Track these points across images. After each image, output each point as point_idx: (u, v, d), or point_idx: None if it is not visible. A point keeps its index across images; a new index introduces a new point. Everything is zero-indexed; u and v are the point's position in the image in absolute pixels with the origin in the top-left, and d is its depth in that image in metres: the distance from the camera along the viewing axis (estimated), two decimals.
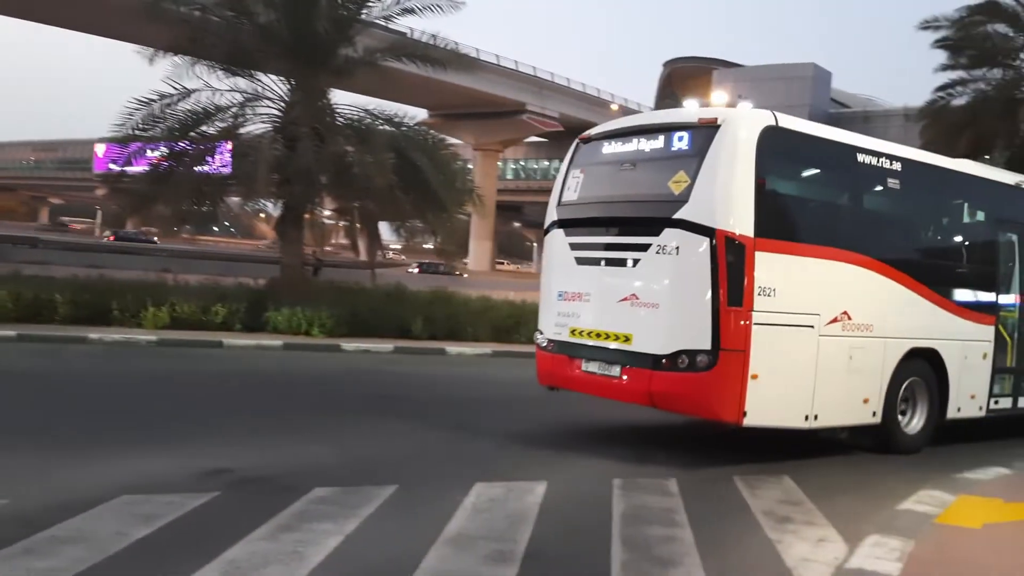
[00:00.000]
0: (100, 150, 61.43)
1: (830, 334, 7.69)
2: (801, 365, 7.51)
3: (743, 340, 7.00)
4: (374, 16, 18.14)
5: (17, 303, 13.89)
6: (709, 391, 7.11)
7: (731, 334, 6.99)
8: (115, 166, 17.66)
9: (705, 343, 7.01)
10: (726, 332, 6.99)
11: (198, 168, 17.03)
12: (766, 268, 7.11)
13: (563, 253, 8.45)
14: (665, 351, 7.22)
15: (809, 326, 7.52)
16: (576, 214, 8.49)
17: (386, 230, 21.29)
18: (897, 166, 8.63)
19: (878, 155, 8.51)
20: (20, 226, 72.95)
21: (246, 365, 12.30)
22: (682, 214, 7.22)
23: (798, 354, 7.50)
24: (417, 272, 54.04)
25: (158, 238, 50.95)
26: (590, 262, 8.17)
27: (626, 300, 7.60)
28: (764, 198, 7.21)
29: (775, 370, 7.23)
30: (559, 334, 8.32)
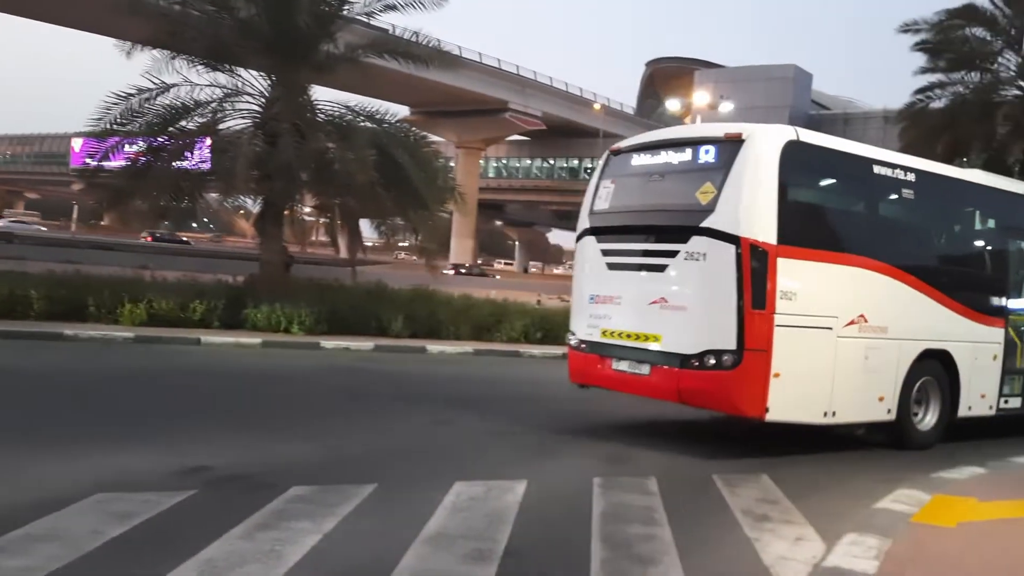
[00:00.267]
0: (77, 144, 60.94)
1: (847, 336, 8.12)
2: (820, 365, 7.96)
3: (766, 341, 7.47)
4: (356, 12, 18.05)
5: None
6: (734, 388, 7.56)
7: (755, 335, 7.45)
8: (92, 161, 17.41)
9: (731, 343, 7.46)
10: (750, 333, 7.44)
11: (177, 164, 16.83)
12: (788, 273, 7.57)
13: (595, 259, 8.93)
14: (693, 351, 7.68)
15: (828, 328, 7.96)
16: (607, 222, 8.96)
17: (367, 228, 21.11)
18: (911, 177, 9.07)
19: (893, 166, 8.98)
20: None
21: (224, 362, 12.20)
22: (709, 223, 7.67)
23: (817, 354, 7.93)
24: (453, 274, 55.01)
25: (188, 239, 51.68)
26: (621, 267, 8.69)
27: (655, 303, 8.07)
28: (786, 208, 7.69)
29: (796, 369, 7.66)
30: (591, 335, 8.76)
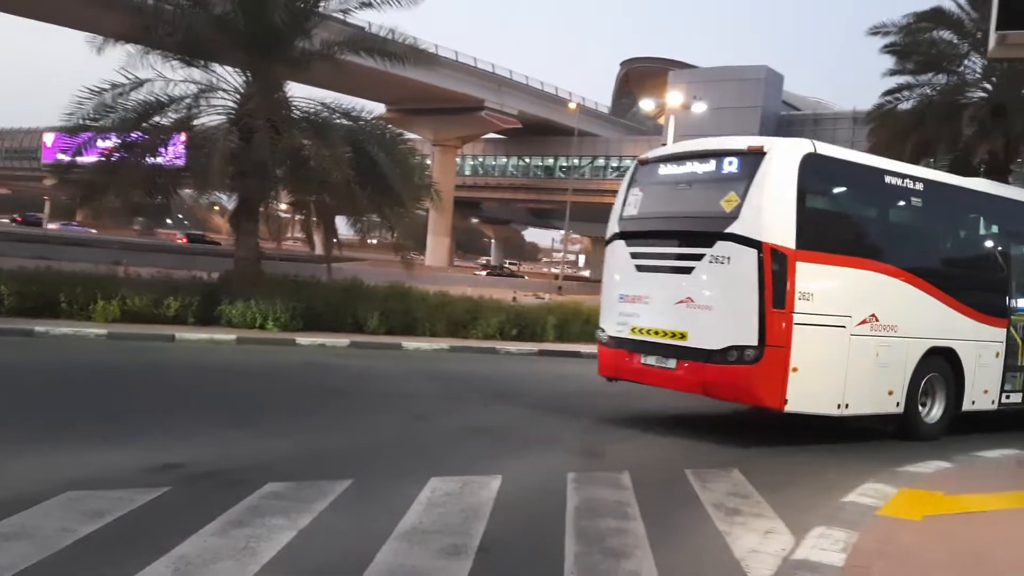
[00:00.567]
0: (49, 139, 60.21)
1: (860, 333, 8.69)
2: (835, 360, 8.52)
3: (785, 337, 8.04)
4: (331, 9, 17.95)
5: None
6: (756, 381, 8.15)
7: (775, 332, 8.02)
8: (64, 156, 17.19)
9: (753, 340, 8.05)
10: (771, 330, 8.02)
11: (151, 159, 16.66)
12: (805, 276, 8.16)
13: (624, 261, 9.53)
14: (717, 346, 8.27)
15: (841, 326, 8.53)
16: (636, 227, 9.56)
17: (343, 225, 20.96)
18: (919, 186, 9.63)
19: (903, 176, 9.56)
20: None
21: (199, 359, 12.12)
22: (733, 229, 8.26)
23: (832, 350, 8.50)
24: (485, 275, 55.56)
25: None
26: (649, 269, 9.25)
27: (682, 302, 8.64)
28: (804, 215, 8.26)
29: (812, 364, 8.24)
30: (620, 332, 9.35)
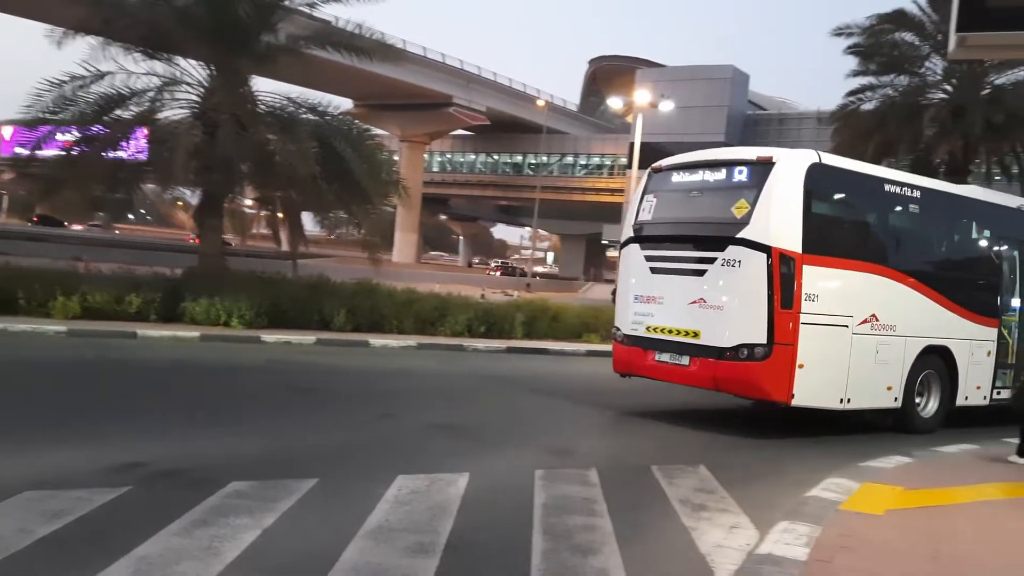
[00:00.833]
0: (7, 132, 58.95)
1: (861, 332, 9.21)
2: (838, 357, 9.02)
3: (793, 336, 8.52)
4: (297, 3, 17.73)
5: None
6: (765, 377, 8.62)
7: (783, 331, 8.50)
8: (23, 150, 16.84)
9: (762, 338, 8.53)
10: (779, 329, 8.49)
11: (112, 153, 16.37)
12: (811, 278, 8.64)
13: (639, 263, 10.04)
14: (729, 344, 8.75)
15: (844, 326, 9.05)
16: (651, 231, 10.06)
17: (310, 221, 20.77)
18: (917, 193, 10.19)
19: (901, 184, 10.15)
20: None
21: (161, 356, 11.94)
22: (743, 234, 8.74)
23: (835, 348, 9.00)
24: (499, 275, 55.72)
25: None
26: (663, 271, 9.72)
27: (695, 303, 9.11)
28: (810, 221, 8.74)
29: (817, 361, 8.72)
30: (635, 330, 9.86)
